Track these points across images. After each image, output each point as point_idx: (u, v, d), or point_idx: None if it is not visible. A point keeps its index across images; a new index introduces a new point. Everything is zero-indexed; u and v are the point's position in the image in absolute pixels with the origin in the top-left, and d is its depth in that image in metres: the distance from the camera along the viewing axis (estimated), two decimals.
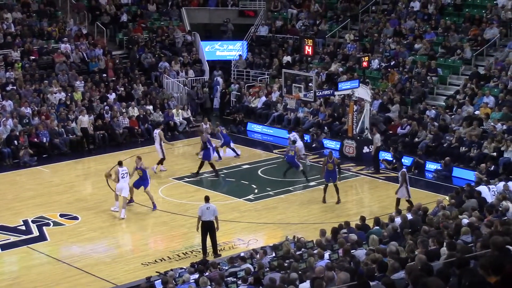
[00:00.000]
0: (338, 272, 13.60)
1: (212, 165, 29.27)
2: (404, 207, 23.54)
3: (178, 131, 36.13)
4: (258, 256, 18.71)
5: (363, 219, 20.75)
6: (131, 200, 25.95)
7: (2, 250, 22.72)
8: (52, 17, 40.19)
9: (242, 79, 40.72)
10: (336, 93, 32.73)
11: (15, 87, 34.74)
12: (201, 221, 21.79)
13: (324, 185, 26.46)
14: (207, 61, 41.49)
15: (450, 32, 37.13)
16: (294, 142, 29.58)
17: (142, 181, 25.87)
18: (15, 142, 31.46)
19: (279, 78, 36.86)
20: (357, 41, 39.59)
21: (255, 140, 35.42)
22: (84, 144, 33.07)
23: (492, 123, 30.64)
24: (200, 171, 29.21)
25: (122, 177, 25.17)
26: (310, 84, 30.94)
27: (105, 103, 35.38)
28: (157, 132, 29.94)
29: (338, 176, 26.52)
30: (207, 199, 22.28)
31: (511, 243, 11.55)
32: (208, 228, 21.83)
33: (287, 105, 34.88)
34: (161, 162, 29.63)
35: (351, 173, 29.98)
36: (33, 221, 24.65)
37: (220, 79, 40.30)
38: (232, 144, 31.90)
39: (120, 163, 25.67)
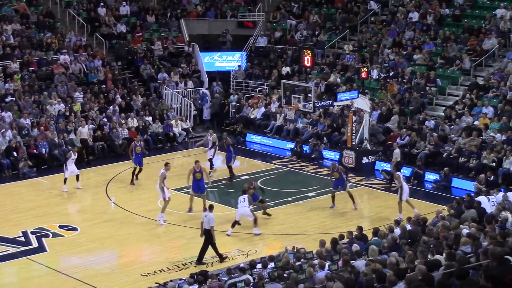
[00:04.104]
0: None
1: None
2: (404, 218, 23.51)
3: (177, 142, 36.16)
4: (260, 266, 18.64)
5: (360, 229, 20.69)
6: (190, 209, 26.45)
7: (1, 262, 22.66)
8: (51, 29, 40.23)
9: (241, 90, 40.76)
10: (335, 103, 32.79)
11: (14, 99, 34.76)
12: (204, 228, 22.12)
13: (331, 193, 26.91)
14: (206, 72, 41.53)
15: (449, 43, 37.20)
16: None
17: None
18: (14, 153, 31.47)
19: (278, 89, 36.86)
20: (356, 51, 39.65)
21: (254, 151, 35.43)
22: (84, 155, 33.03)
23: (491, 133, 30.66)
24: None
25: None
26: (309, 95, 30.97)
27: (104, 114, 35.40)
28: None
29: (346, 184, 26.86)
30: (210, 207, 22.70)
31: (510, 253, 11.54)
32: (205, 236, 22.14)
33: (287, 116, 34.93)
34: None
35: (350, 183, 29.93)
36: (32, 232, 24.62)
37: (206, 91, 40.23)
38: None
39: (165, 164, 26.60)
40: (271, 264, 18.57)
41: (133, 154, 29.59)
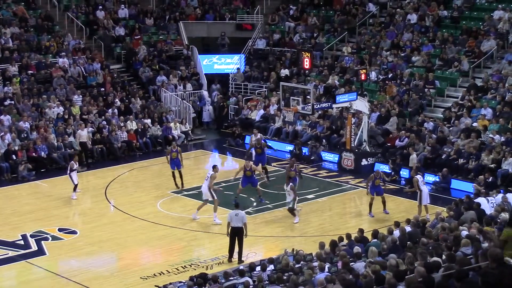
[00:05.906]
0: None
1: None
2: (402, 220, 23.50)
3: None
4: (260, 268, 18.63)
5: (361, 231, 20.71)
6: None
7: (0, 265, 22.66)
8: (50, 32, 40.23)
9: (240, 92, 40.75)
10: (334, 105, 32.76)
11: (13, 102, 34.74)
12: (230, 227, 22.17)
13: (370, 199, 26.48)
14: (205, 74, 41.53)
15: (448, 45, 37.21)
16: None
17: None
18: (13, 156, 31.46)
19: (277, 91, 36.89)
20: (354, 53, 39.66)
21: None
22: (83, 158, 32.99)
23: (490, 135, 30.68)
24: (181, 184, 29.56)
25: (206, 179, 25.85)
26: (308, 97, 31.00)
27: (103, 117, 35.39)
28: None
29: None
30: (237, 205, 22.95)
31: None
32: (236, 234, 22.24)
33: (285, 118, 34.92)
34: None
35: (350, 185, 29.97)
36: (31, 236, 24.59)
37: (205, 93, 40.24)
38: None
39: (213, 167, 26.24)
40: (271, 267, 18.58)
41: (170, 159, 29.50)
